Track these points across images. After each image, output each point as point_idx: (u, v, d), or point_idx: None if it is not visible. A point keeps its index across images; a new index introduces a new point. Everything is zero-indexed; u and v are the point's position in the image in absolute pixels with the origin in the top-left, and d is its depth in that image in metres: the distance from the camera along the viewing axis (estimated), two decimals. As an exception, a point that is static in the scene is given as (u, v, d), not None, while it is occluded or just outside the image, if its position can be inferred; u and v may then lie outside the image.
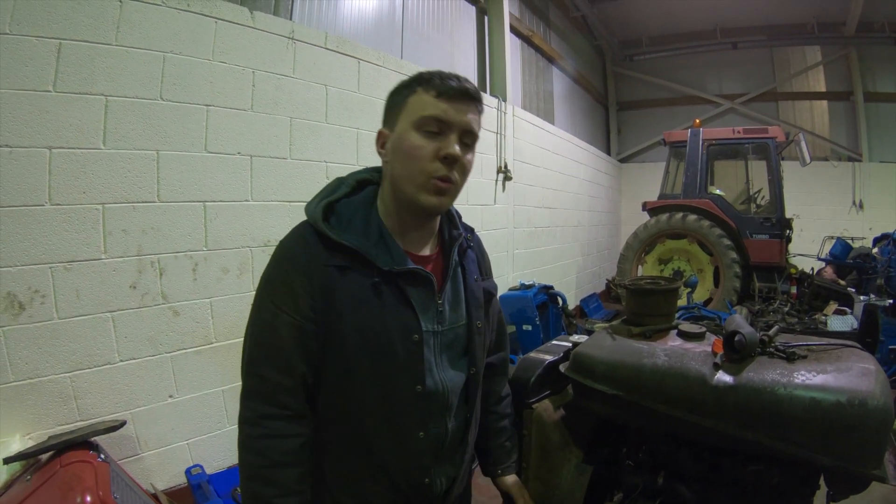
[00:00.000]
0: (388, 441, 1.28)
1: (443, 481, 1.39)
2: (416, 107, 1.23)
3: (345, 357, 1.24)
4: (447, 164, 1.23)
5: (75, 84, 2.59)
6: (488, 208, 6.26)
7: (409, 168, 1.23)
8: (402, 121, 1.25)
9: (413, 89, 1.25)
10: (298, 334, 1.22)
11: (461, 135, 1.25)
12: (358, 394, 1.26)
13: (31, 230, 2.47)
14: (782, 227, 8.00)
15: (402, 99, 1.27)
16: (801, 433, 1.31)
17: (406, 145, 1.23)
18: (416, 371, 1.28)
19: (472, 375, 1.42)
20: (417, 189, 1.24)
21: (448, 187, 1.25)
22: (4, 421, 2.40)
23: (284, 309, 1.22)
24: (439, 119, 1.22)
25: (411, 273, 1.27)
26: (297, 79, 3.64)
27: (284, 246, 1.28)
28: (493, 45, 6.75)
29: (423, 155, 1.22)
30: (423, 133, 1.22)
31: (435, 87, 1.22)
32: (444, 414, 1.36)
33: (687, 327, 1.67)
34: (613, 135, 13.27)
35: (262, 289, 1.28)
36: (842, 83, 11.07)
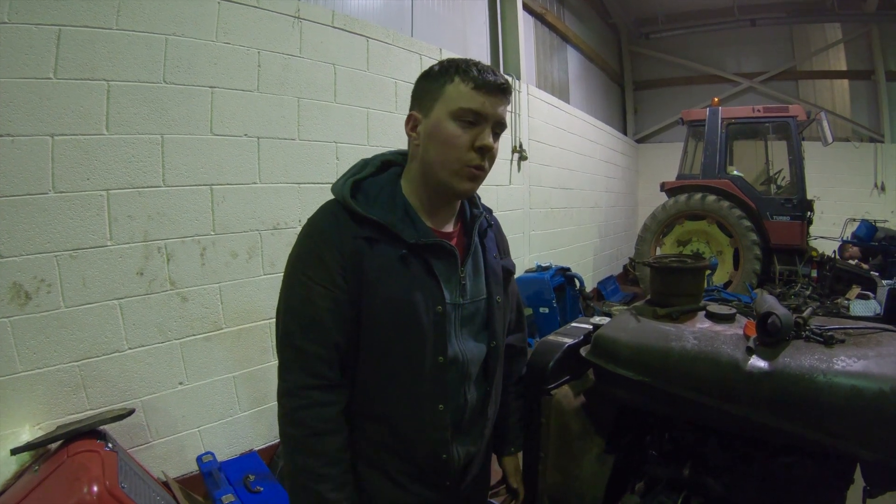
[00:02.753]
0: (408, 413, 1.33)
1: (461, 456, 1.42)
2: (454, 96, 1.27)
3: (372, 326, 1.29)
4: (481, 153, 1.29)
5: (76, 70, 2.54)
6: (504, 189, 6.18)
7: (445, 155, 1.29)
8: (438, 108, 1.29)
9: (450, 78, 1.28)
10: (333, 305, 1.26)
11: (494, 126, 1.30)
12: (382, 364, 1.31)
13: (36, 219, 2.44)
14: (803, 209, 7.85)
15: (437, 86, 1.30)
16: (840, 424, 1.23)
17: (444, 134, 1.28)
18: (439, 341, 1.33)
19: (492, 349, 1.46)
20: (452, 175, 1.30)
21: (480, 174, 1.33)
22: (13, 411, 2.38)
23: (318, 281, 1.26)
24: (477, 112, 1.26)
25: (436, 246, 1.33)
26: (304, 58, 3.56)
27: (313, 222, 1.33)
28: (506, 23, 6.62)
29: (459, 144, 1.27)
30: (459, 122, 1.27)
31: (473, 80, 1.26)
32: (463, 384, 1.40)
33: (716, 308, 1.58)
34: (630, 114, 13.08)
35: (293, 264, 1.32)
36: (863, 62, 10.80)
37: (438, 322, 1.32)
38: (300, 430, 1.26)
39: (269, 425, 3.39)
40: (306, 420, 1.25)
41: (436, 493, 1.41)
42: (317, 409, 1.26)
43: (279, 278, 1.36)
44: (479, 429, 1.47)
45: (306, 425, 1.25)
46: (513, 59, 6.56)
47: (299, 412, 1.26)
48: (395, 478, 1.37)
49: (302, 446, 1.26)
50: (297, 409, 1.26)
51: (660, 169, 11.11)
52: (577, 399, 1.70)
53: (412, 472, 1.37)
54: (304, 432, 1.25)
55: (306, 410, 1.25)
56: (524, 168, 6.56)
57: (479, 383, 1.45)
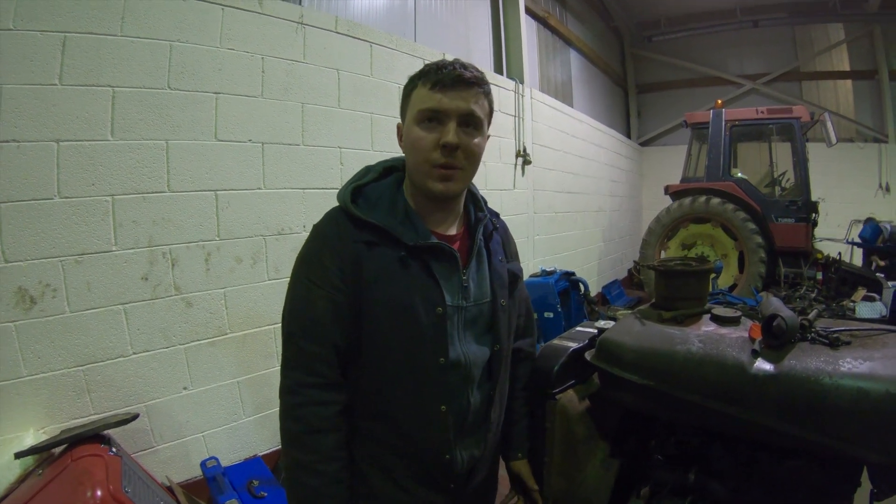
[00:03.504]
0: (411, 413, 1.34)
1: (464, 459, 1.41)
2: (416, 101, 1.31)
3: (373, 328, 1.31)
4: (446, 151, 1.28)
5: (81, 76, 2.55)
6: (508, 193, 6.16)
7: (415, 159, 1.32)
8: (408, 115, 1.34)
9: (415, 84, 1.33)
10: (332, 307, 1.29)
11: (461, 120, 1.29)
12: (383, 365, 1.33)
13: (41, 224, 2.45)
14: (808, 211, 7.78)
15: (408, 93, 1.35)
16: (846, 426, 1.23)
17: (410, 138, 1.31)
18: (440, 343, 1.33)
19: (496, 352, 1.45)
20: (424, 177, 1.32)
21: (452, 173, 1.31)
22: (18, 415, 2.38)
23: (318, 283, 1.30)
24: (433, 109, 1.28)
25: (436, 248, 1.34)
26: (307, 64, 3.57)
27: (317, 228, 1.37)
28: (509, 27, 6.62)
29: (423, 146, 1.29)
30: (423, 125, 1.29)
31: (430, 80, 1.28)
32: (466, 386, 1.40)
33: (721, 311, 1.57)
34: (633, 118, 13.04)
35: (297, 267, 1.37)
36: (866, 62, 10.73)
37: (438, 324, 1.32)
38: (297, 425, 1.29)
39: (274, 431, 3.37)
40: (304, 417, 1.28)
41: (440, 495, 1.41)
42: (314, 406, 1.29)
43: (284, 284, 1.37)
44: (482, 432, 1.46)
45: (304, 422, 1.28)
46: (516, 62, 6.56)
47: (297, 409, 1.29)
48: (399, 480, 1.38)
49: (298, 442, 1.29)
50: (295, 405, 1.29)
51: (664, 172, 11.07)
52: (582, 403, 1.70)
53: (416, 475, 1.38)
54: (301, 428, 1.29)
55: (304, 408, 1.29)
56: (528, 172, 6.54)
57: (483, 386, 1.44)
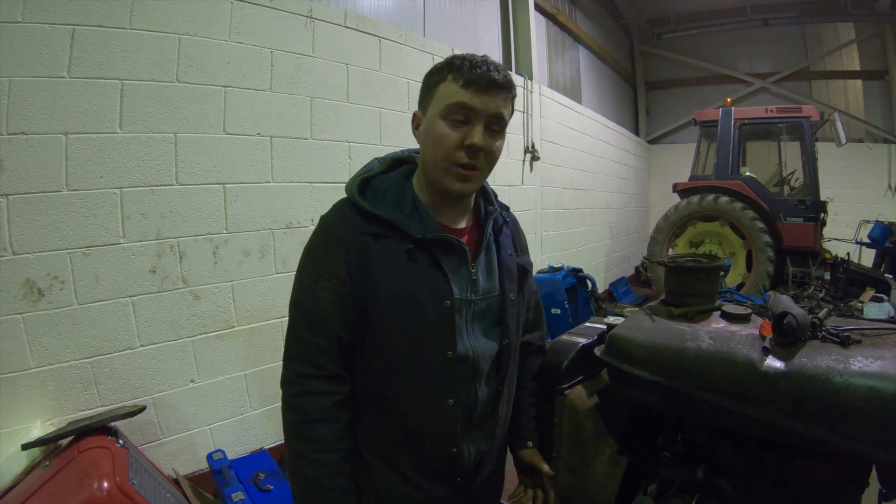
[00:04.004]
0: (418, 407, 1.33)
1: (472, 453, 1.40)
2: (444, 95, 1.27)
3: (380, 321, 1.30)
4: (471, 152, 1.26)
5: (90, 69, 2.56)
6: (516, 189, 6.16)
7: (435, 154, 1.28)
8: (431, 107, 1.30)
9: (443, 76, 1.28)
10: (336, 298, 1.28)
11: (488, 122, 1.27)
12: (390, 358, 1.31)
13: (49, 216, 2.46)
14: (817, 211, 7.74)
15: (433, 84, 1.31)
16: (857, 425, 1.22)
17: (434, 132, 1.28)
18: (448, 336, 1.32)
19: (504, 346, 1.44)
20: (443, 174, 1.29)
21: (471, 174, 1.30)
22: (26, 407, 2.39)
23: (323, 275, 1.29)
24: (464, 107, 1.24)
25: (444, 241, 1.32)
26: (316, 58, 3.57)
27: (324, 219, 1.36)
28: (518, 23, 6.60)
29: (448, 143, 1.26)
30: (449, 121, 1.26)
31: (463, 76, 1.24)
32: (474, 380, 1.38)
33: (731, 308, 1.56)
34: (642, 115, 13.00)
35: (303, 258, 1.35)
36: (876, 62, 10.67)
37: (446, 317, 1.31)
38: (296, 416, 1.30)
39: (280, 424, 3.34)
40: (302, 407, 1.29)
41: (447, 489, 1.40)
42: (313, 397, 1.29)
43: (291, 277, 1.37)
44: (490, 426, 1.44)
45: (302, 412, 1.29)
46: (524, 58, 6.54)
47: (296, 399, 1.30)
48: (406, 474, 1.37)
49: (297, 432, 1.30)
50: (294, 395, 1.30)
51: (672, 170, 11.04)
52: (591, 399, 1.69)
53: (423, 468, 1.37)
54: (300, 419, 1.29)
55: (303, 398, 1.29)
56: (536, 168, 6.53)
57: (491, 380, 1.43)
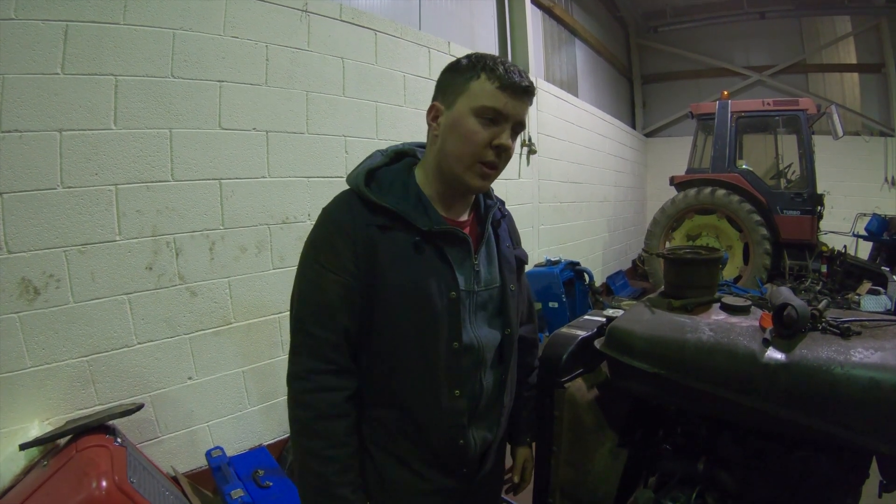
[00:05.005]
0: (424, 399, 1.34)
1: (477, 443, 1.42)
2: (478, 93, 1.28)
3: (386, 313, 1.31)
4: (497, 152, 1.30)
5: (84, 65, 2.53)
6: (513, 182, 6.14)
7: (461, 149, 1.30)
8: (460, 102, 1.30)
9: (477, 74, 1.29)
10: (344, 291, 1.28)
11: (514, 125, 1.31)
12: (398, 350, 1.32)
13: (44, 214, 2.43)
14: (814, 203, 7.75)
15: (463, 80, 1.31)
16: (857, 416, 1.22)
17: (463, 128, 1.29)
18: (454, 327, 1.33)
19: (506, 336, 1.47)
20: (465, 169, 1.31)
21: (493, 173, 1.33)
22: (23, 406, 2.38)
23: (329, 268, 1.28)
24: (499, 111, 1.27)
25: (449, 233, 1.34)
26: (312, 52, 3.54)
27: (328, 211, 1.35)
28: (514, 16, 6.58)
29: (477, 140, 1.28)
30: (480, 119, 1.28)
31: (499, 79, 1.26)
32: (478, 370, 1.40)
33: (731, 300, 1.56)
34: (638, 108, 13.00)
35: (307, 251, 1.35)
36: (873, 55, 10.66)
37: (452, 308, 1.33)
38: (307, 412, 1.28)
39: (279, 420, 3.39)
40: (313, 403, 1.27)
41: (453, 480, 1.41)
42: (324, 393, 1.28)
43: (288, 272, 1.35)
44: (495, 415, 1.47)
45: (313, 408, 1.27)
46: (521, 52, 6.52)
47: (307, 395, 1.28)
48: (412, 465, 1.37)
49: (308, 429, 1.28)
50: (305, 391, 1.28)
51: (669, 163, 11.05)
52: (591, 392, 1.69)
53: (429, 460, 1.38)
54: (310, 415, 1.28)
55: (314, 394, 1.28)
56: (533, 162, 6.53)
57: (495, 369, 1.46)
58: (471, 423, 1.39)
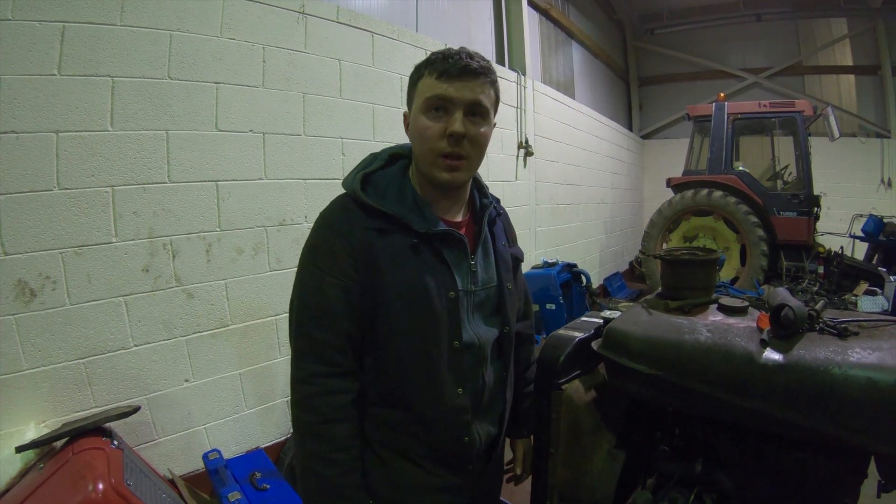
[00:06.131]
0: (428, 399, 1.35)
1: (482, 439, 1.44)
2: (422, 90, 1.32)
3: (387, 315, 1.31)
4: (453, 141, 1.29)
5: (80, 66, 2.52)
6: (509, 184, 6.15)
7: (421, 148, 1.33)
8: (414, 104, 1.35)
9: (421, 73, 1.33)
10: (344, 295, 1.29)
11: (467, 109, 1.30)
12: (398, 352, 1.33)
13: (40, 216, 2.42)
14: (810, 205, 7.78)
15: (413, 83, 1.37)
16: (855, 416, 1.22)
17: (417, 127, 1.32)
18: (454, 327, 1.35)
19: (504, 334, 1.49)
20: (430, 166, 1.33)
21: (459, 163, 1.32)
22: (19, 409, 2.37)
23: (329, 272, 1.29)
24: (441, 98, 1.28)
25: (446, 234, 1.36)
26: (309, 54, 3.54)
27: (325, 215, 1.37)
28: (511, 18, 6.60)
29: (430, 135, 1.30)
30: (429, 115, 1.30)
31: (436, 69, 1.29)
32: (480, 367, 1.43)
33: (728, 301, 1.56)
34: (635, 110, 13.02)
35: (305, 256, 1.36)
36: (869, 57, 10.69)
37: (451, 308, 1.34)
38: (312, 416, 1.28)
39: (276, 423, 3.38)
40: (318, 407, 1.28)
41: (458, 477, 1.43)
42: (329, 396, 1.29)
43: (285, 275, 1.36)
44: (497, 411, 1.50)
45: (318, 412, 1.28)
46: (518, 54, 6.53)
47: (312, 399, 1.29)
48: (420, 462, 1.39)
49: (313, 432, 1.29)
50: (310, 396, 1.29)
51: (665, 165, 11.06)
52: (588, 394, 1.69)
53: (434, 457, 1.39)
54: (315, 419, 1.28)
55: (319, 398, 1.28)
56: (530, 164, 6.53)
57: (495, 364, 1.48)
58: (474, 420, 1.41)
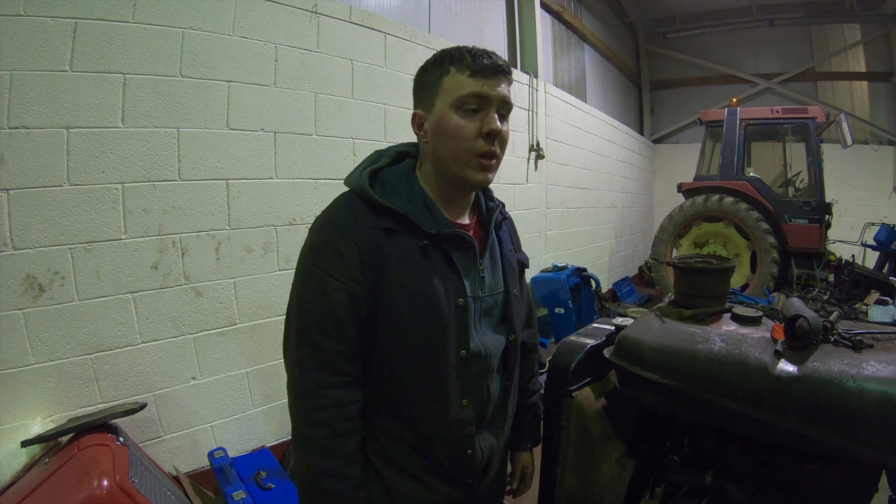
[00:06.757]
0: (432, 409, 1.29)
1: (484, 452, 1.38)
2: (452, 87, 1.24)
3: (393, 321, 1.25)
4: (490, 139, 1.25)
5: (92, 63, 2.53)
6: (520, 187, 6.13)
7: (454, 148, 1.26)
8: (439, 102, 1.27)
9: (445, 69, 1.26)
10: (349, 299, 1.22)
11: (498, 108, 1.26)
12: (403, 359, 1.27)
13: (50, 211, 2.43)
14: (822, 212, 7.69)
15: (434, 80, 1.28)
16: (869, 430, 1.20)
17: (449, 127, 1.25)
18: (462, 335, 1.29)
19: (510, 342, 1.44)
20: (464, 167, 1.27)
21: (492, 163, 1.28)
22: (25, 403, 2.38)
23: (333, 274, 1.22)
24: (478, 96, 1.23)
25: (456, 237, 1.30)
26: (321, 53, 3.54)
27: (328, 214, 1.30)
28: (524, 20, 6.58)
29: (466, 135, 1.24)
30: (462, 112, 1.24)
31: (468, 67, 1.23)
32: (486, 377, 1.37)
33: (742, 311, 1.54)
34: (646, 114, 12.94)
35: (306, 257, 1.28)
36: (882, 63, 10.57)
37: (460, 315, 1.29)
38: (320, 431, 1.21)
39: (282, 422, 3.38)
40: (327, 421, 1.21)
41: (459, 491, 1.37)
42: (338, 409, 1.22)
43: (294, 274, 1.32)
44: (500, 422, 1.44)
45: (327, 426, 1.21)
46: (530, 56, 6.51)
47: (320, 412, 1.21)
48: (419, 477, 1.33)
49: (320, 448, 1.22)
50: (317, 409, 1.21)
51: (676, 170, 11.01)
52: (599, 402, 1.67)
53: (435, 471, 1.33)
54: (324, 433, 1.21)
55: (326, 411, 1.21)
56: (541, 167, 6.51)
57: (500, 375, 1.43)
58: (478, 432, 1.36)
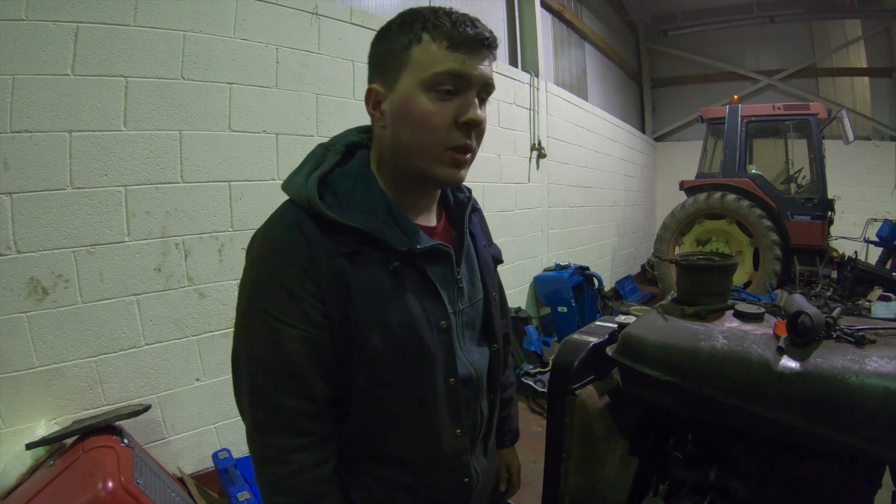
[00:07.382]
0: (424, 447, 1.12)
1: (479, 475, 1.24)
2: (424, 61, 0.98)
3: (369, 359, 1.03)
4: (467, 131, 1.01)
5: (94, 66, 2.53)
6: (522, 186, 6.13)
7: (421, 138, 1.01)
8: (405, 78, 1.00)
9: (416, 36, 0.98)
10: (309, 348, 1.00)
11: (480, 90, 1.02)
12: (386, 398, 1.07)
13: (53, 214, 2.44)
14: (824, 209, 7.69)
15: (400, 48, 1.00)
16: (872, 426, 1.20)
17: (416, 111, 0.99)
18: (448, 361, 1.11)
19: (494, 352, 1.28)
20: (432, 162, 1.02)
21: (467, 158, 1.04)
22: (30, 406, 2.38)
23: (285, 320, 0.98)
24: (457, 75, 0.98)
25: (432, 251, 1.08)
26: (322, 55, 3.54)
27: (270, 239, 1.03)
28: (524, 19, 6.58)
29: (438, 123, 0.99)
30: (434, 94, 0.98)
31: (447, 36, 0.96)
32: (477, 399, 1.22)
33: (744, 307, 1.54)
34: (648, 112, 12.93)
35: (249, 297, 1.02)
36: (884, 59, 10.55)
37: (444, 339, 1.10)
38: (293, 499, 1.02)
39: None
40: (299, 488, 1.02)
41: None
42: (309, 472, 1.03)
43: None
44: (488, 435, 1.32)
45: (300, 493, 1.02)
46: (531, 55, 6.51)
47: (290, 480, 1.01)
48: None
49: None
50: (286, 476, 1.01)
51: (678, 167, 10.98)
52: (602, 399, 1.67)
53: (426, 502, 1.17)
54: (297, 500, 1.02)
55: (298, 476, 1.02)
56: (543, 166, 6.51)
57: (489, 393, 1.29)
58: (471, 456, 1.21)
